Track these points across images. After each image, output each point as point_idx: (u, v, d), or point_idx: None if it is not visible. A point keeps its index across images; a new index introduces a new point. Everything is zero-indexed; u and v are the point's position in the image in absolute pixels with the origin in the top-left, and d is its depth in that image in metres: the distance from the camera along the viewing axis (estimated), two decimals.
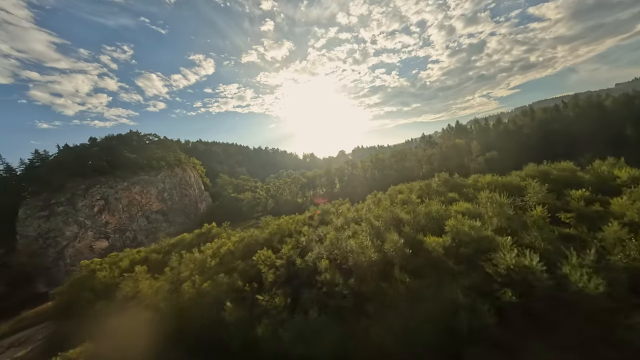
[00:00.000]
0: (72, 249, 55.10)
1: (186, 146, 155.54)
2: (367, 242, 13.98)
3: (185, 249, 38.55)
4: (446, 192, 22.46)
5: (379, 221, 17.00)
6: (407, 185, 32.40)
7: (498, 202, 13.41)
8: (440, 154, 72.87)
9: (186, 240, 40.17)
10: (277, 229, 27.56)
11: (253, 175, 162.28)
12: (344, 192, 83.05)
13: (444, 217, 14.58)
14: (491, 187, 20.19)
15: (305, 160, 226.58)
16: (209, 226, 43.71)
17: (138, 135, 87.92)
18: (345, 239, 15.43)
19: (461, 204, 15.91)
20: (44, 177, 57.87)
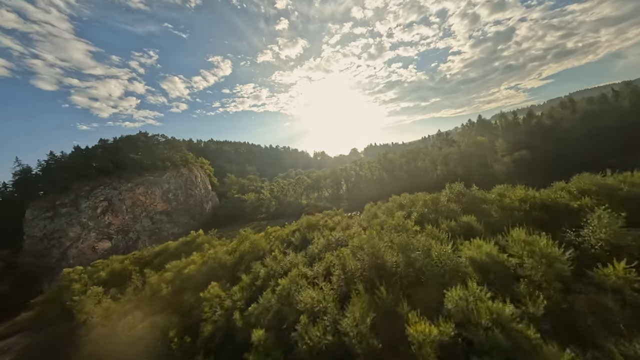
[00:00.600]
0: (75, 250, 55.90)
1: (198, 146, 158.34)
2: (324, 302, 9.27)
3: (167, 259, 36.32)
4: (459, 212, 16.82)
5: (355, 260, 12.07)
6: (411, 196, 26.73)
7: (543, 254, 7.94)
8: (458, 153, 64.72)
9: (170, 250, 37.89)
10: (250, 249, 23.56)
11: (263, 174, 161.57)
12: (350, 196, 77.60)
13: (448, 267, 9.33)
14: (525, 206, 14.31)
15: (316, 159, 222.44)
16: (195, 234, 41.11)
17: (146, 136, 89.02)
18: (298, 289, 10.82)
19: (478, 243, 10.42)
20: (51, 178, 59.30)
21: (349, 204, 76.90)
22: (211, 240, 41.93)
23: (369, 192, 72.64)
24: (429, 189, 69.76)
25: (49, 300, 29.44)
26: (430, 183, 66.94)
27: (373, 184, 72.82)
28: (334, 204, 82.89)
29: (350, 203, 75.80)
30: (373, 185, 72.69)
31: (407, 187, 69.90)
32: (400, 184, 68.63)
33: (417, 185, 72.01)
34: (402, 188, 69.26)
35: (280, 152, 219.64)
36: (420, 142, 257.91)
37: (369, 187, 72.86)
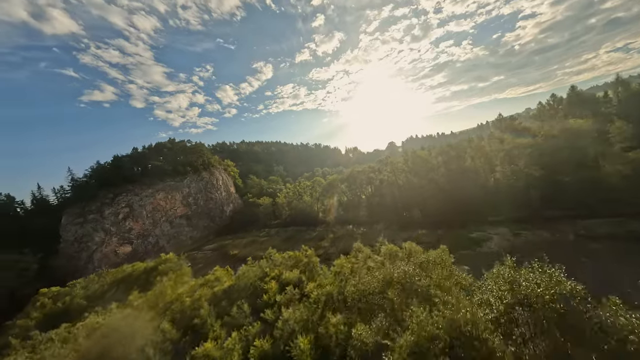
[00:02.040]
0: (99, 254, 60.36)
1: (230, 147, 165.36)
2: None
3: (127, 287, 32.60)
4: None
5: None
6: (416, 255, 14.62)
7: None
8: (534, 145, 44.16)
9: (133, 276, 34.31)
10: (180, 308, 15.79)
11: (290, 173, 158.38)
12: (370, 204, 64.08)
13: None
14: None
15: (348, 155, 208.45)
16: (165, 257, 36.67)
17: (172, 142, 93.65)
18: None
19: None
20: (85, 187, 65.51)
21: (369, 215, 63.68)
22: (181, 266, 36.97)
23: (393, 202, 57.98)
24: (480, 205, 48.68)
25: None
26: (484, 193, 47.56)
27: (398, 192, 57.77)
28: (351, 213, 70.79)
29: (370, 214, 62.59)
30: (398, 193, 57.66)
31: (447, 198, 52.38)
32: (438, 192, 51.70)
33: (461, 196, 52.19)
34: (440, 199, 52.23)
35: (311, 149, 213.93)
36: (475, 130, 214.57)
37: (393, 195, 58.17)
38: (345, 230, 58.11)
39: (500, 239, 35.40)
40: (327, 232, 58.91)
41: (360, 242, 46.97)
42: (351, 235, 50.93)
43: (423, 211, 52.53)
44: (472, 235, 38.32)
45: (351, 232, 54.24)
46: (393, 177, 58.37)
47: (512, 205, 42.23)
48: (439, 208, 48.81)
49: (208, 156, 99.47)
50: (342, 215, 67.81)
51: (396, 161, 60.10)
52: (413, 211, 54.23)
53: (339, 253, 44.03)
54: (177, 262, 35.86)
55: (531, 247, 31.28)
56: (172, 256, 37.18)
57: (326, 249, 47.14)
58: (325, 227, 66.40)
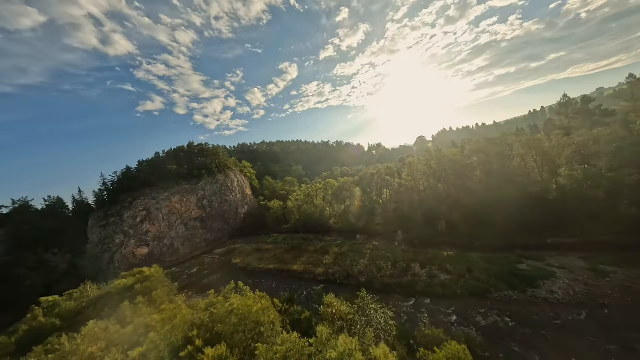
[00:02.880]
0: (119, 255, 63.82)
1: (251, 148, 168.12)
2: None
3: (102, 307, 31.07)
4: None
5: None
6: None
7: None
8: (625, 138, 31.35)
9: (113, 293, 32.72)
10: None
11: (309, 172, 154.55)
12: (385, 212, 55.41)
13: None
14: None
15: (371, 153, 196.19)
16: (147, 271, 34.59)
17: (190, 146, 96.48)
18: None
19: None
20: (110, 191, 70.10)
21: (385, 224, 55.06)
22: (163, 281, 34.63)
23: (412, 211, 48.61)
24: (534, 221, 38.51)
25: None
26: (541, 205, 34.23)
27: (419, 199, 48.22)
28: (364, 221, 62.73)
29: (386, 223, 54.15)
30: (419, 200, 48.13)
31: (484, 209, 41.24)
32: (471, 201, 40.65)
33: (505, 207, 36.39)
34: (474, 210, 41.55)
35: (332, 148, 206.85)
36: (525, 118, 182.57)
37: (412, 202, 48.81)
38: (354, 242, 51.00)
39: (571, 278, 23.81)
40: (334, 243, 52.55)
41: (368, 260, 39.89)
42: (359, 252, 43.78)
43: (450, 224, 42.56)
44: (523, 267, 28.09)
45: (360, 247, 46.97)
46: (412, 181, 48.97)
47: (587, 224, 30.33)
48: (472, 222, 38.59)
49: (224, 158, 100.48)
50: (354, 223, 60.57)
51: (416, 162, 50.28)
52: (437, 223, 44.48)
53: (340, 276, 37.41)
54: (160, 278, 33.79)
55: (634, 302, 20.04)
56: (155, 270, 35.21)
57: (327, 267, 40.99)
58: (335, 235, 60.10)
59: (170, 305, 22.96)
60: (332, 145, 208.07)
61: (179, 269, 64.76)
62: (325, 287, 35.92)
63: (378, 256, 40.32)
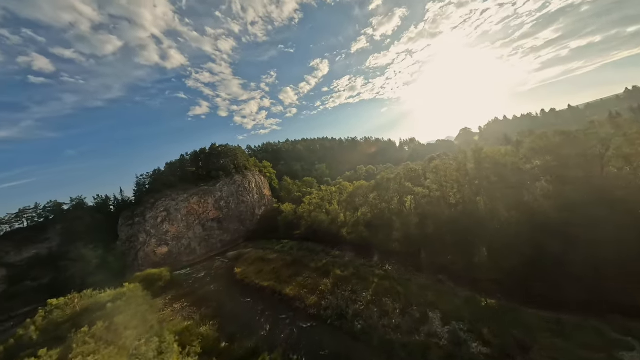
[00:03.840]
0: (142, 253, 68.39)
1: (274, 147, 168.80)
2: None
3: (88, 319, 30.33)
4: None
5: None
6: None
7: None
8: None
9: (96, 306, 31.89)
10: None
11: (334, 171, 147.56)
12: (405, 226, 44.84)
13: None
14: None
15: (403, 149, 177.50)
16: (126, 287, 33.01)
17: (213, 147, 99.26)
18: None
19: None
20: (141, 191, 75.81)
21: (405, 242, 44.74)
22: (138, 298, 32.61)
23: (439, 230, 37.48)
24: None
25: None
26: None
27: (448, 216, 36.81)
28: (379, 235, 52.90)
29: (405, 241, 44.01)
30: (448, 219, 36.71)
31: (552, 239, 25.16)
32: (527, 229, 27.75)
33: (591, 242, 22.08)
34: (533, 240, 26.78)
35: (360, 144, 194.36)
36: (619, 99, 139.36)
37: (439, 219, 37.57)
38: (363, 263, 42.73)
39: None
40: (339, 261, 45.17)
41: (372, 294, 31.45)
42: (365, 278, 35.71)
43: (494, 255, 30.89)
44: (626, 356, 16.66)
45: (368, 270, 38.66)
46: (439, 190, 37.78)
47: None
48: (530, 257, 26.69)
49: (243, 159, 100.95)
50: (368, 237, 51.68)
51: (444, 166, 38.64)
52: (475, 252, 33.03)
53: (332, 314, 29.67)
54: (137, 294, 32.12)
55: None
56: (134, 287, 33.77)
57: (322, 296, 34.23)
58: (346, 248, 52.43)
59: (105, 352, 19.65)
60: (360, 142, 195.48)
61: (191, 270, 66.25)
62: (313, 326, 29.40)
63: (386, 290, 31.69)
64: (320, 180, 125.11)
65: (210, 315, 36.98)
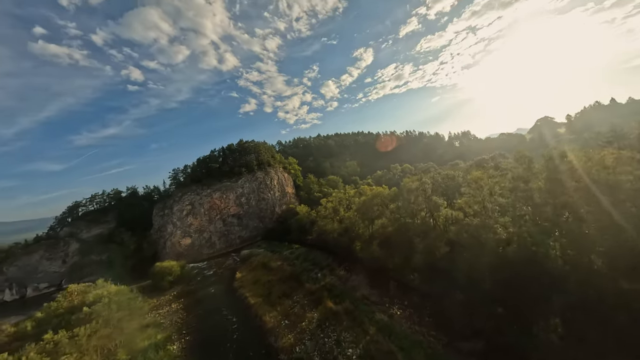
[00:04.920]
0: (169, 242, 73.97)
1: (304, 143, 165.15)
2: None
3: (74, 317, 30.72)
4: None
5: None
6: None
7: None
8: None
9: (77, 309, 32.27)
10: None
11: (368, 169, 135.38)
12: (429, 253, 33.05)
13: None
14: None
15: (453, 144, 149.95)
16: (107, 289, 32.37)
17: (241, 142, 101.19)
18: None
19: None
20: (176, 183, 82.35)
21: (427, 275, 33.16)
22: (120, 303, 31.47)
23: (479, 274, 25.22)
24: None
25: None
26: None
27: (494, 259, 24.36)
28: (395, 260, 41.44)
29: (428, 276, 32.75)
30: (494, 260, 24.31)
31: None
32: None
33: None
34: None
35: (399, 139, 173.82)
36: None
37: (480, 255, 25.39)
38: (365, 296, 33.77)
39: None
40: (337, 288, 37.21)
41: (360, 355, 22.12)
42: (360, 323, 27.24)
43: (575, 330, 18.18)
44: None
45: (367, 310, 29.83)
46: (478, 215, 25.34)
47: None
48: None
49: (266, 155, 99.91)
50: (382, 259, 41.65)
51: (488, 179, 25.68)
52: (541, 322, 20.43)
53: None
54: (119, 300, 31.22)
55: None
56: (117, 290, 33.22)
57: (301, 336, 27.40)
58: (357, 268, 43.79)
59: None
60: (400, 137, 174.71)
61: (206, 265, 68.22)
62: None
63: (381, 354, 22.59)
64: (348, 179, 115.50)
65: (191, 328, 34.76)
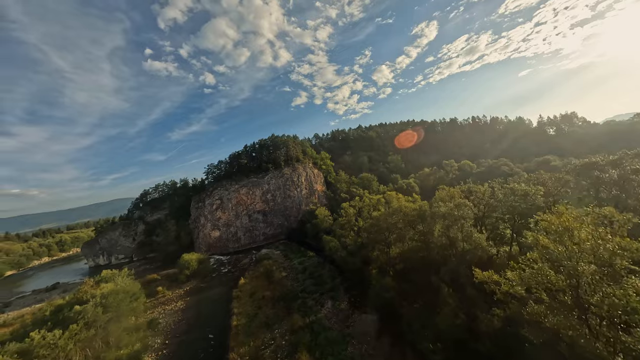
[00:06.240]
0: (202, 234, 79.49)
1: (342, 135, 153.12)
2: None
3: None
4: None
5: None
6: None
7: None
8: None
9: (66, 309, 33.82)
10: None
11: (413, 164, 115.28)
12: (473, 308, 20.21)
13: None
14: None
15: (545, 132, 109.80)
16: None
17: (273, 137, 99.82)
18: None
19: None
20: (214, 178, 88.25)
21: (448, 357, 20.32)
22: (118, 304, 31.62)
23: None
24: None
25: None
26: None
27: None
28: (409, 312, 27.92)
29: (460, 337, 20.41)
30: None
31: None
32: None
33: None
34: None
35: (461, 127, 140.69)
36: None
37: None
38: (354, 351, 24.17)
39: None
40: (327, 328, 28.54)
41: None
42: None
43: None
44: None
45: None
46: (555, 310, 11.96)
47: None
48: None
49: (295, 150, 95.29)
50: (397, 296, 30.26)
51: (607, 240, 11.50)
52: None
53: None
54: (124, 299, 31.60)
55: None
56: (119, 284, 33.79)
57: None
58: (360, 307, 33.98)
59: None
60: (462, 124, 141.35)
61: (226, 259, 69.80)
62: None
63: None
64: (387, 177, 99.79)
65: (175, 338, 33.22)
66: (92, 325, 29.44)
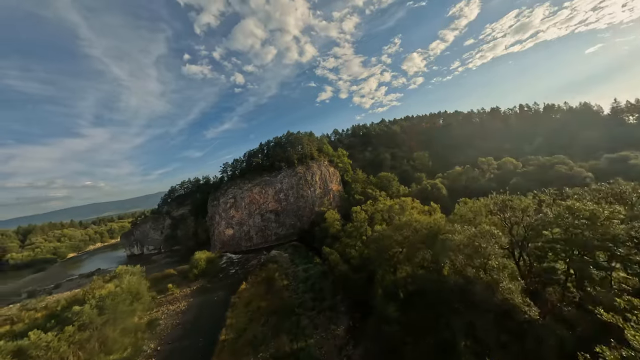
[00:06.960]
0: (217, 231, 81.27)
1: (364, 130, 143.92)
2: None
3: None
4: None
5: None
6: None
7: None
8: None
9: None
10: None
11: (442, 162, 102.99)
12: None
13: None
14: None
15: (620, 121, 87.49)
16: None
17: (289, 134, 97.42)
18: None
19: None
20: (229, 176, 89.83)
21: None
22: (119, 305, 31.95)
23: None
24: None
25: None
26: None
27: None
28: (415, 345, 21.72)
29: None
30: None
31: None
32: None
33: None
34: None
35: (506, 118, 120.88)
36: None
37: None
38: None
39: None
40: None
41: None
42: None
43: None
44: None
45: None
46: None
47: None
48: None
49: (309, 147, 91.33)
50: (402, 330, 24.72)
51: None
52: None
53: None
54: (125, 299, 32.21)
55: None
56: (125, 283, 34.34)
57: None
58: (362, 334, 29.13)
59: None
60: (506, 114, 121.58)
61: (237, 259, 69.83)
62: None
63: None
64: (411, 176, 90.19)
65: (169, 344, 32.59)
66: (87, 327, 29.97)
